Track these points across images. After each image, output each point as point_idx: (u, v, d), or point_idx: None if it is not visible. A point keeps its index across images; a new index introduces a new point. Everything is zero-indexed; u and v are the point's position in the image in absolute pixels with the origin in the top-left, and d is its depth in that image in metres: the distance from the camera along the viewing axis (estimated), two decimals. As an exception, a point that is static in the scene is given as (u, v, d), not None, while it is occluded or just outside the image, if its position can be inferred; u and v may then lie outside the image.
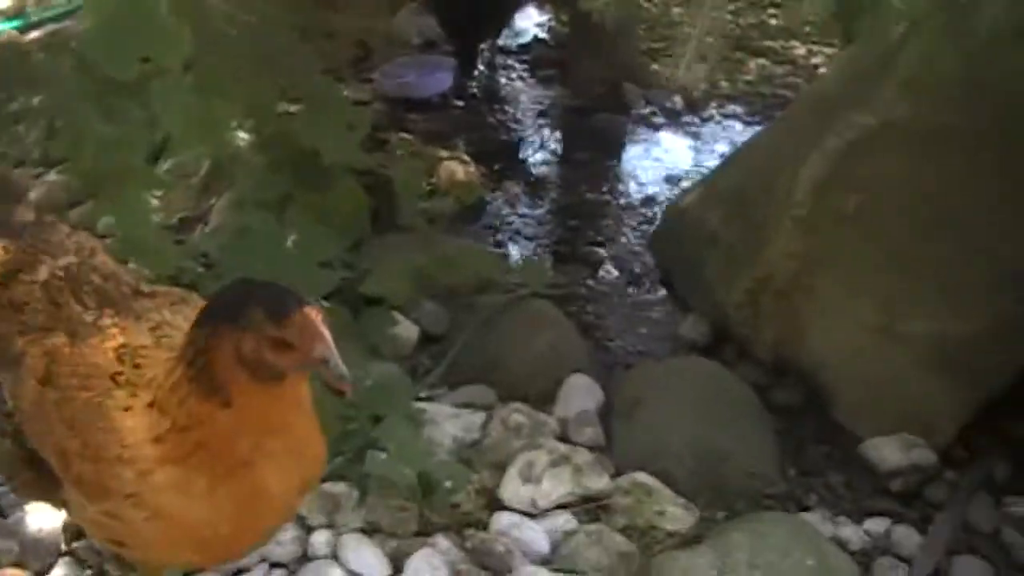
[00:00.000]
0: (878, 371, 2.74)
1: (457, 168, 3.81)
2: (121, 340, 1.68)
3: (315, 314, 1.45)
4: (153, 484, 1.55)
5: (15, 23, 4.84)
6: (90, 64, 2.53)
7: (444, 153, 3.93)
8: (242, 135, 3.43)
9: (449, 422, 2.62)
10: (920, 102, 2.71)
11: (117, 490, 1.57)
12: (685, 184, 3.81)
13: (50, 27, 4.65)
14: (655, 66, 4.76)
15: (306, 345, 1.44)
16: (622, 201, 3.85)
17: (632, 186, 3.94)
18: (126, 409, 1.59)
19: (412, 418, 2.56)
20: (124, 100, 2.58)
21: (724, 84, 4.64)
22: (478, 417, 2.66)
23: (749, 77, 4.71)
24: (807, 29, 5.09)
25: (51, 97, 2.73)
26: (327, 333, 1.45)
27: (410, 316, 2.98)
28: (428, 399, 2.75)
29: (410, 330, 2.95)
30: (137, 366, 1.64)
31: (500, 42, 4.98)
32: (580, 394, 2.74)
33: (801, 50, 4.95)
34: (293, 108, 3.33)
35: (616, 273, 3.43)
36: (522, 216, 3.71)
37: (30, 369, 1.72)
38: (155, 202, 3.46)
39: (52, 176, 3.59)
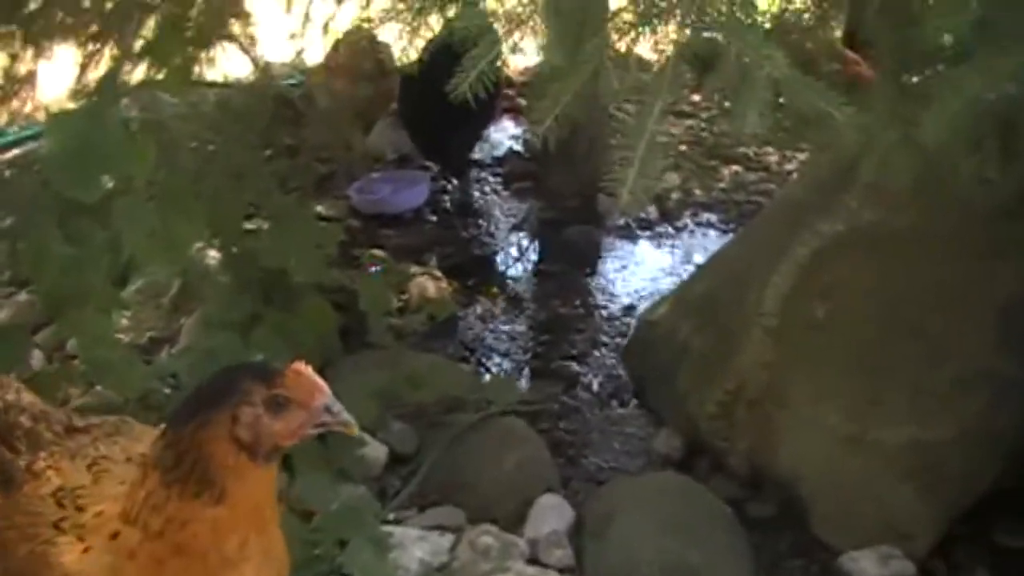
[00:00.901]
0: (852, 481, 2.69)
1: (429, 284, 3.80)
2: (58, 483, 1.62)
3: (306, 367, 1.46)
4: None
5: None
6: (52, 184, 2.54)
7: (416, 269, 3.92)
8: (211, 253, 3.44)
9: (416, 545, 2.55)
10: (883, 208, 2.72)
11: None
12: (659, 295, 3.78)
13: (29, 145, 4.66)
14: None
15: (306, 397, 1.44)
16: (596, 314, 3.82)
17: (606, 298, 3.92)
18: (74, 554, 1.52)
19: (378, 542, 2.49)
20: (86, 220, 2.57)
21: (698, 192, 4.65)
22: (446, 540, 2.59)
23: (723, 184, 4.73)
24: (780, 135, 5.13)
25: (15, 216, 2.72)
26: (323, 382, 1.46)
27: (378, 436, 2.93)
28: (396, 522, 2.68)
29: (378, 450, 2.90)
30: (80, 508, 1.57)
31: (475, 155, 5.01)
32: (550, 514, 2.68)
33: (775, 156, 4.98)
34: (260, 225, 3.34)
35: (589, 387, 3.38)
36: (495, 331, 3.68)
37: None
38: (124, 322, 3.46)
39: (22, 296, 3.56)
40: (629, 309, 3.79)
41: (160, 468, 1.45)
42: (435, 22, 3.19)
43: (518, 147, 5.15)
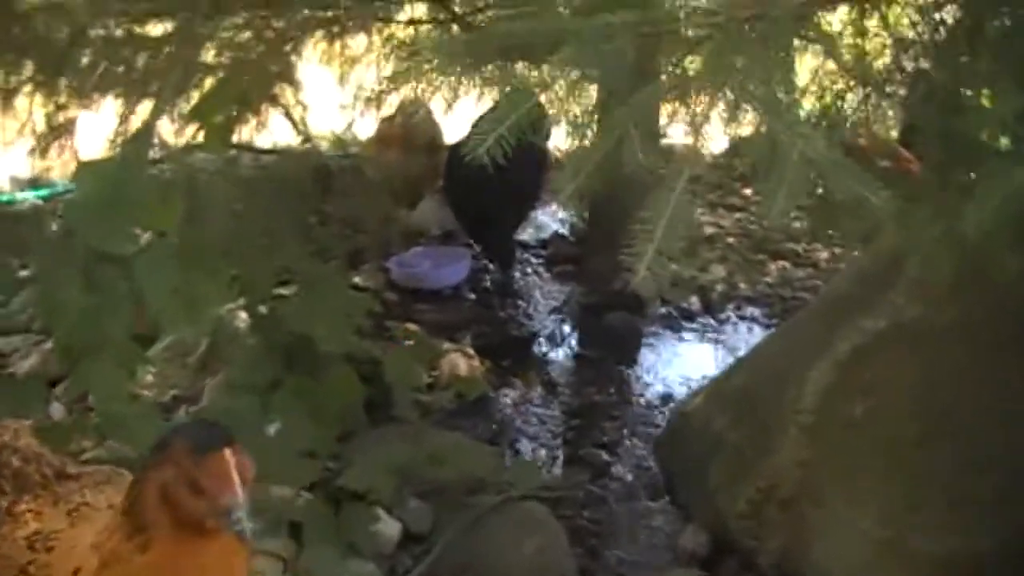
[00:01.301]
0: (887, 590, 2.53)
1: (460, 361, 3.72)
2: (35, 527, 1.58)
3: (232, 457, 1.39)
4: None
5: (41, 192, 4.91)
6: (77, 232, 2.52)
7: (448, 345, 3.85)
8: (242, 315, 3.40)
9: (420, 629, 2.44)
10: (928, 303, 2.61)
11: None
12: (697, 387, 3.67)
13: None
14: (673, 265, 4.71)
15: (214, 489, 1.38)
16: (631, 403, 3.72)
17: (643, 388, 3.82)
18: None
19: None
20: (108, 271, 2.54)
21: (743, 286, 4.56)
22: (451, 625, 2.47)
23: (769, 279, 4.63)
24: (830, 231, 5.05)
25: (37, 264, 2.70)
26: (237, 480, 1.37)
27: (393, 512, 2.83)
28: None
29: (392, 527, 2.80)
30: (50, 549, 1.53)
31: (520, 237, 4.97)
32: (565, 605, 2.55)
33: (824, 253, 4.90)
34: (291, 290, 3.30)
35: (618, 478, 3.26)
36: (525, 414, 3.58)
37: None
38: (149, 378, 3.43)
39: (49, 344, 3.54)
40: (665, 400, 3.68)
41: (122, 505, 1.45)
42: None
43: (563, 231, 5.09)
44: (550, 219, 5.30)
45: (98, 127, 3.38)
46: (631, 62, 1.74)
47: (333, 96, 5.46)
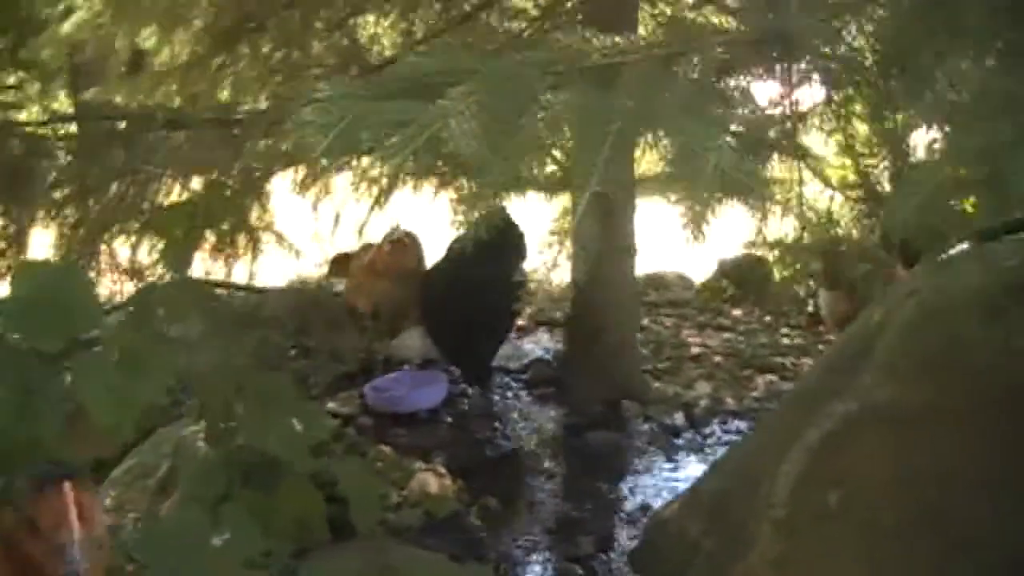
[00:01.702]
0: None
1: (431, 480, 3.58)
2: None
3: (71, 492, 1.33)
4: None
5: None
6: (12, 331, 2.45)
7: (420, 465, 3.71)
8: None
9: None
10: (900, 383, 2.50)
11: None
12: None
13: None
14: (657, 384, 4.60)
15: (50, 528, 1.31)
16: (609, 519, 3.54)
17: (622, 503, 3.65)
18: None
19: None
20: (41, 370, 2.45)
21: (729, 400, 4.42)
22: None
23: (756, 393, 4.51)
24: (820, 347, 4.95)
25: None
26: (75, 520, 1.31)
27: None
28: None
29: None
30: None
31: (502, 363, 4.88)
32: None
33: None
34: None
35: (592, 593, 3.08)
36: (496, 531, 3.41)
37: None
38: (108, 502, 3.31)
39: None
40: (645, 511, 3.51)
41: None
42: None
43: (545, 355, 5.00)
44: (536, 347, 5.21)
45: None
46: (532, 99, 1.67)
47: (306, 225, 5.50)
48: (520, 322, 5.54)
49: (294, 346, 5.08)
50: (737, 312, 5.88)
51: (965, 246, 3.00)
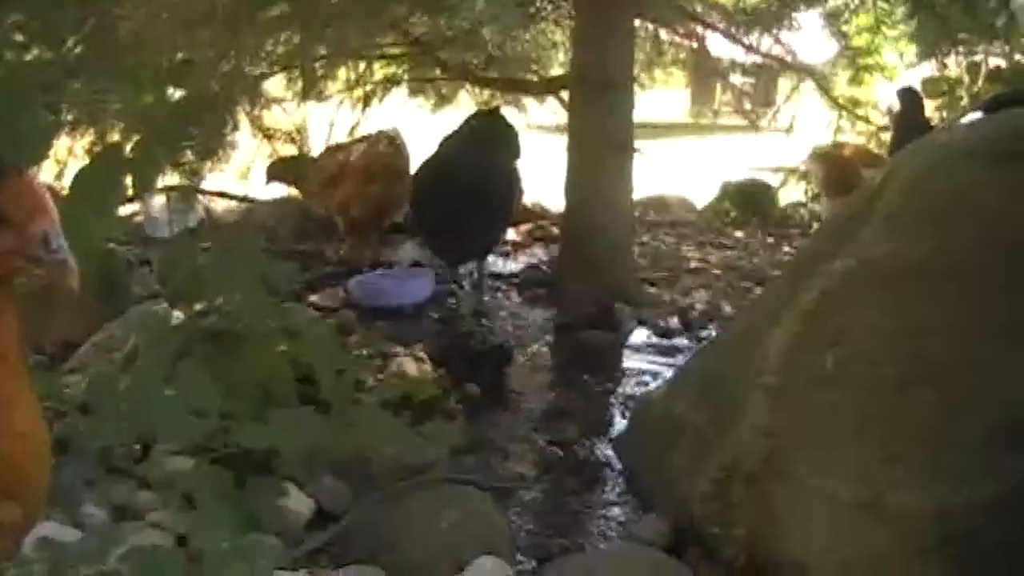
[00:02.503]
0: (866, 559, 2.17)
1: (410, 364, 3.43)
2: None
3: (36, 183, 1.16)
4: None
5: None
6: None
7: (399, 349, 3.55)
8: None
9: (314, 598, 2.09)
10: (901, 236, 2.31)
11: None
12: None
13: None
14: (653, 290, 4.43)
15: (23, 217, 1.12)
16: (596, 408, 3.39)
17: (609, 395, 3.49)
18: None
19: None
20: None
21: (727, 308, 4.25)
22: (355, 597, 2.13)
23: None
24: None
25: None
26: (52, 206, 1.13)
27: (305, 489, 2.51)
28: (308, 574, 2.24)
29: (303, 504, 2.48)
30: None
31: (494, 271, 4.72)
32: (487, 577, 2.20)
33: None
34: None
35: (573, 472, 2.92)
36: (477, 417, 3.25)
37: None
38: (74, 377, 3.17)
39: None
40: (631, 400, 3.35)
41: None
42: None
43: (536, 263, 4.85)
44: (527, 258, 5.07)
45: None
46: None
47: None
48: (515, 238, 5.40)
49: (283, 252, 4.92)
50: (739, 233, 5.71)
51: (973, 115, 2.84)
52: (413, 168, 4.65)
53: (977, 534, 2.06)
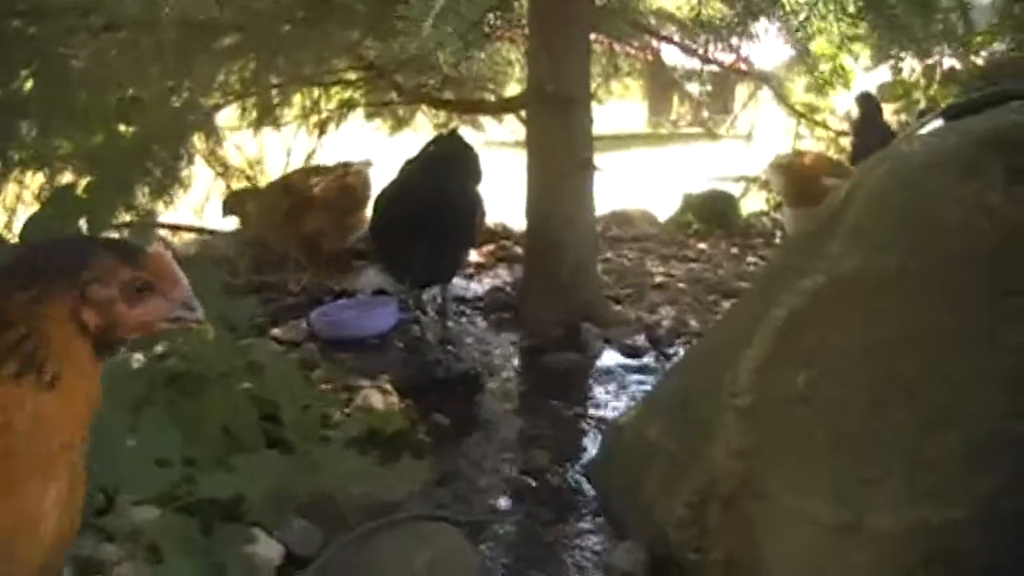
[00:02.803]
0: (847, 582, 2.13)
1: (376, 396, 3.37)
2: None
3: (168, 255, 1.32)
4: None
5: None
6: None
7: (365, 382, 3.49)
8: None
9: (286, 647, 2.03)
10: (869, 250, 2.28)
11: None
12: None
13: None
14: (619, 308, 4.39)
15: (168, 286, 1.30)
16: (566, 434, 3.33)
17: (580, 420, 3.44)
18: None
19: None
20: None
21: (693, 323, 4.22)
22: (325, 645, 2.06)
23: (720, 316, 4.29)
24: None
25: None
26: (183, 274, 1.32)
27: (274, 534, 2.44)
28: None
29: (272, 549, 2.41)
30: None
31: (458, 294, 4.67)
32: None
33: (782, 293, 4.57)
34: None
35: (546, 502, 2.87)
36: (445, 448, 3.19)
37: None
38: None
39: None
40: (602, 431, 3.30)
41: None
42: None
43: (501, 285, 4.80)
44: (491, 280, 5.02)
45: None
46: None
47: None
48: (478, 259, 5.35)
49: (243, 285, 4.84)
50: (702, 245, 5.70)
51: (933, 124, 2.82)
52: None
53: (957, 553, 2.03)
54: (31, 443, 1.21)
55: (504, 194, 5.12)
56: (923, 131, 2.81)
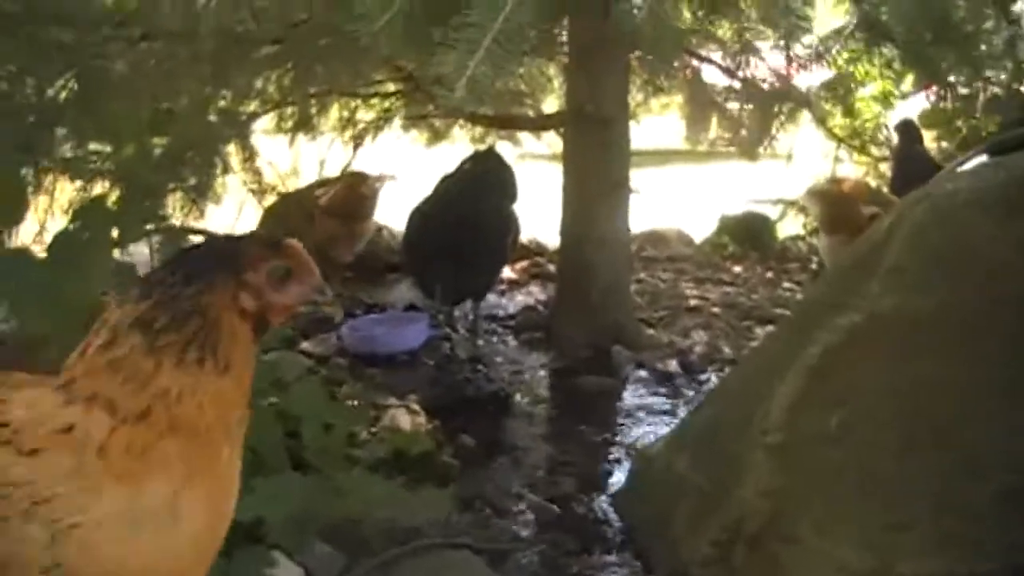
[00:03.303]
0: (874, 631, 2.08)
1: (403, 417, 3.34)
2: None
3: (300, 245, 1.43)
4: (104, 510, 1.24)
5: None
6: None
7: (393, 401, 3.47)
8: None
9: (304, 676, 2.00)
10: (908, 290, 2.24)
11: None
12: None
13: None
14: (651, 331, 4.35)
15: (306, 272, 1.42)
16: (594, 461, 3.30)
17: (608, 447, 3.40)
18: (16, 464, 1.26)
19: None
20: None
21: (726, 349, 4.17)
22: (343, 677, 2.04)
23: (755, 343, 4.24)
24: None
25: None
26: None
27: (295, 558, 2.42)
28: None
29: (293, 573, 2.38)
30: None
31: (489, 312, 4.64)
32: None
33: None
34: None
35: (571, 531, 2.83)
36: (472, 471, 3.16)
37: None
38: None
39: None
40: (630, 450, 3.26)
41: (145, 331, 1.29)
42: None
43: (533, 303, 4.77)
44: (524, 298, 4.99)
45: None
46: None
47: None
48: (511, 275, 5.32)
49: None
50: (738, 268, 5.64)
51: (977, 160, 2.77)
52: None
53: (987, 605, 1.98)
54: (218, 420, 1.32)
55: (539, 209, 5.09)
56: (966, 166, 2.76)
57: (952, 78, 5.13)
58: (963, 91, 5.20)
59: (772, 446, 2.36)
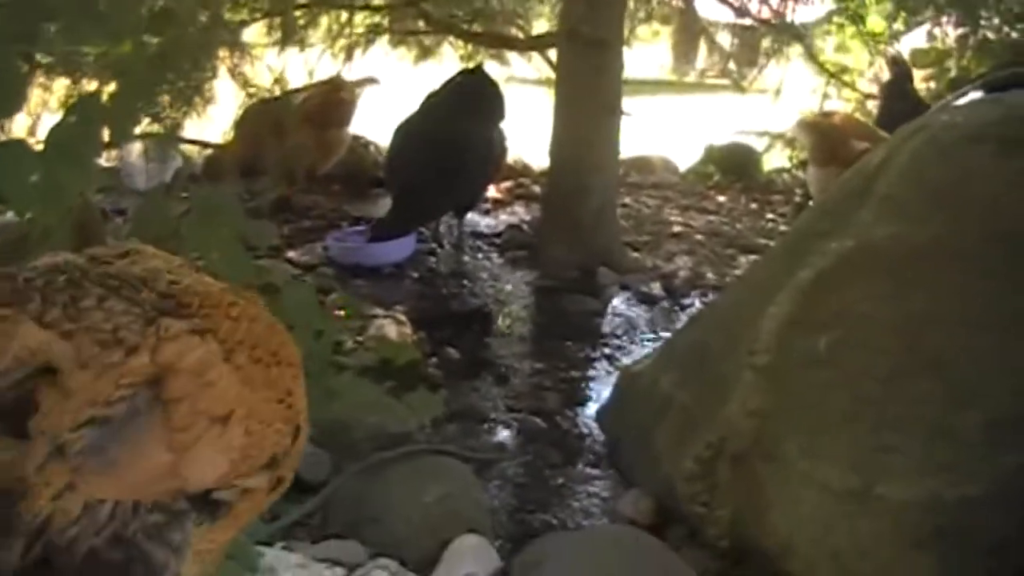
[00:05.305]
0: (854, 549, 2.13)
1: (390, 327, 3.36)
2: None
3: None
4: None
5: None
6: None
7: (379, 311, 3.48)
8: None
9: (292, 572, 2.04)
10: (903, 220, 2.26)
11: None
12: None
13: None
14: (636, 254, 4.37)
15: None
16: (579, 376, 3.33)
17: (592, 363, 3.43)
18: None
19: (238, 558, 1.98)
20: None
21: (710, 275, 4.20)
22: (331, 572, 2.07)
23: (738, 271, 4.28)
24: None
25: None
26: None
27: (284, 458, 2.44)
28: (284, 548, 2.18)
29: (280, 474, 2.40)
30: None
31: (474, 229, 4.65)
32: (468, 557, 2.17)
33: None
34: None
35: (555, 444, 2.87)
36: (457, 383, 3.19)
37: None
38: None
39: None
40: (614, 368, 3.30)
41: None
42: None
43: (519, 223, 4.78)
44: (513, 219, 5.00)
45: None
46: None
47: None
48: (496, 195, 5.32)
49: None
50: (722, 198, 5.66)
51: (972, 96, 2.79)
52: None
53: (970, 529, 2.02)
54: (290, 356, 1.34)
55: (525, 131, 5.08)
56: (961, 101, 2.78)
57: (945, 18, 5.13)
58: (956, 32, 5.20)
59: (760, 367, 2.38)
